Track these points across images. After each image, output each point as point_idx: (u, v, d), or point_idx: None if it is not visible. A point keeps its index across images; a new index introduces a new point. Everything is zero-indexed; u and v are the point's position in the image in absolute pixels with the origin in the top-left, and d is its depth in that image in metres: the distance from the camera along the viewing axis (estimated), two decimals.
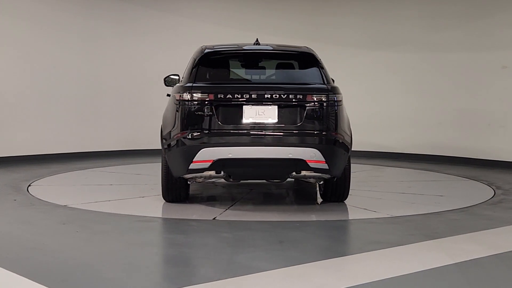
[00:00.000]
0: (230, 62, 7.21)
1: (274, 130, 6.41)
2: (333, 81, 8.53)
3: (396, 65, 11.97)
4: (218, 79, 6.86)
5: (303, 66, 7.07)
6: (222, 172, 6.53)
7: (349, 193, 7.26)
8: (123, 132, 12.08)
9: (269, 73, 7.34)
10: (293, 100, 6.44)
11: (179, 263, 4.86)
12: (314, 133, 6.44)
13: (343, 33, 12.51)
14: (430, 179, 9.43)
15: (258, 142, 6.41)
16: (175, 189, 7.02)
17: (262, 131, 6.41)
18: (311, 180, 6.97)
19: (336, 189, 7.07)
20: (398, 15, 11.97)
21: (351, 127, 7.03)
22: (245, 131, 6.41)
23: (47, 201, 7.21)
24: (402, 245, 5.40)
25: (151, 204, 7.19)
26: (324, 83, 6.72)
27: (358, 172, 9.69)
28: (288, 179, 6.95)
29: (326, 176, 6.69)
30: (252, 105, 6.41)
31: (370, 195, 7.91)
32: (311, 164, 6.40)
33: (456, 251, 5.21)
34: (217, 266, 4.79)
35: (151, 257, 4.98)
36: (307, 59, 7.03)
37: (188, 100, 6.43)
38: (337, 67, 11.51)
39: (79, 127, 11.58)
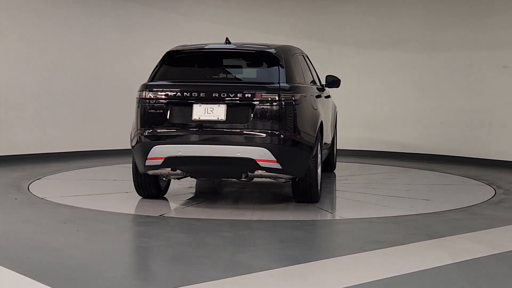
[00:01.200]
0: (191, 61, 7.20)
1: (222, 128, 6.43)
2: (319, 81, 8.57)
3: (398, 64, 11.97)
4: (175, 78, 6.87)
5: (263, 65, 6.98)
6: (177, 170, 6.59)
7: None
8: (125, 130, 12.04)
9: (228, 72, 7.31)
10: (242, 99, 6.42)
11: (179, 262, 4.86)
12: (263, 132, 6.38)
13: (345, 32, 12.50)
14: (430, 179, 9.43)
15: (207, 141, 6.47)
16: (145, 185, 7.11)
17: (210, 130, 6.44)
18: (281, 180, 6.81)
19: (302, 190, 6.92)
20: (400, 14, 11.96)
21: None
22: (194, 129, 6.47)
23: (48, 200, 7.22)
24: (403, 244, 5.40)
25: (152, 204, 7.20)
26: (281, 82, 6.57)
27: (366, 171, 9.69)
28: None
29: (286, 176, 6.62)
30: (201, 103, 6.45)
31: (371, 195, 7.91)
32: (262, 164, 6.36)
33: (457, 251, 5.21)
34: (218, 265, 4.79)
35: (152, 256, 4.99)
36: (268, 59, 6.93)
37: (143, 98, 6.61)
38: (339, 66, 11.52)
39: (80, 126, 11.58)
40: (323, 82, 8.68)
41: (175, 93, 6.55)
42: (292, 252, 5.14)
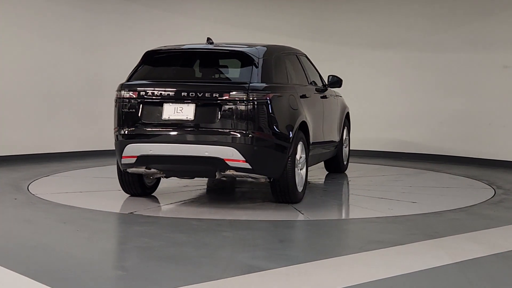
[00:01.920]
0: (168, 61, 7.26)
1: (191, 128, 6.50)
2: (321, 81, 8.55)
3: (397, 64, 11.96)
4: (151, 78, 6.94)
5: (236, 65, 6.97)
6: (152, 169, 6.69)
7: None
8: None
9: (201, 72, 7.31)
10: (210, 98, 6.45)
11: (179, 262, 4.86)
12: (231, 131, 6.40)
13: (343, 33, 12.49)
14: (430, 178, 9.43)
15: (176, 140, 6.53)
16: (129, 184, 7.22)
17: (180, 129, 6.51)
18: (261, 180, 6.79)
19: (280, 191, 6.89)
20: (398, 14, 11.95)
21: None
22: (165, 128, 6.55)
23: (47, 200, 7.21)
24: (402, 244, 5.40)
25: (153, 203, 7.20)
26: (252, 82, 6.56)
27: (364, 172, 9.69)
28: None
29: (259, 176, 6.62)
30: (172, 103, 6.54)
31: (371, 195, 7.91)
32: (231, 163, 6.39)
33: (457, 251, 5.21)
34: (218, 265, 4.79)
35: (152, 256, 4.99)
36: (242, 58, 6.92)
37: (119, 98, 6.78)
38: (338, 67, 11.51)
39: (80, 126, 11.58)
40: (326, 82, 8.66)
41: (147, 92, 6.64)
42: (292, 252, 5.14)
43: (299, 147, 7.01)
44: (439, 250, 5.23)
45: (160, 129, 6.59)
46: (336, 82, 8.62)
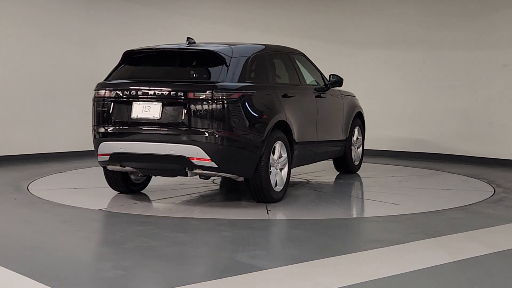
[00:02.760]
0: (143, 61, 7.35)
1: (158, 126, 6.60)
2: (323, 80, 8.53)
3: (397, 63, 11.95)
4: (126, 78, 7.06)
5: (208, 65, 6.95)
6: (126, 166, 6.87)
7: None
8: None
9: (172, 71, 7.25)
10: (175, 97, 6.54)
11: (179, 262, 4.86)
12: (196, 130, 6.46)
13: (345, 32, 12.49)
14: (430, 177, 9.43)
15: (144, 138, 6.67)
16: (114, 181, 7.41)
17: (147, 127, 6.64)
18: (239, 179, 6.87)
19: (254, 190, 6.91)
20: (399, 13, 11.95)
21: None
22: (134, 127, 6.71)
23: (47, 200, 7.21)
24: (403, 243, 5.40)
25: (154, 203, 7.20)
26: (219, 81, 6.59)
27: (372, 172, 9.69)
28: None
29: (225, 175, 6.71)
30: (140, 102, 6.68)
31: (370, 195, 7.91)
32: (196, 162, 6.48)
33: (457, 249, 5.21)
34: (218, 264, 4.79)
35: (152, 255, 4.99)
36: (212, 58, 6.91)
37: (95, 97, 7.03)
38: (339, 66, 11.51)
39: (79, 126, 11.56)
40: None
41: (118, 92, 6.82)
42: (292, 251, 5.14)
43: (278, 146, 7.03)
44: (439, 248, 5.23)
45: (130, 128, 6.74)
46: (336, 81, 8.61)
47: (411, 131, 11.86)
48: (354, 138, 9.43)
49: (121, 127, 6.79)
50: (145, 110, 6.65)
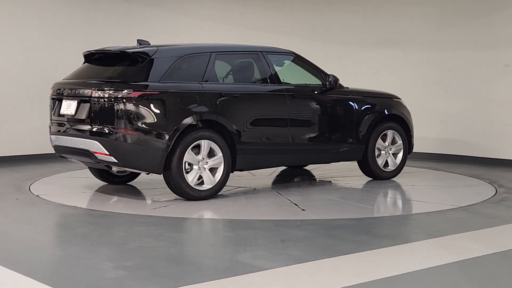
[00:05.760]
0: (89, 61, 7.81)
1: (74, 122, 7.26)
2: (322, 79, 8.45)
3: (398, 63, 11.95)
4: (70, 77, 7.70)
5: (130, 65, 7.28)
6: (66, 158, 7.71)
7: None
8: None
9: (102, 72, 7.56)
10: (84, 95, 7.11)
11: (181, 262, 4.86)
12: (97, 126, 6.98)
13: (345, 32, 12.49)
14: (432, 177, 9.42)
15: (68, 133, 7.35)
16: (94, 171, 8.23)
17: (69, 123, 7.32)
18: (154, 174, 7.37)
19: (172, 186, 7.14)
20: (400, 13, 11.94)
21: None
22: (62, 122, 7.42)
23: (49, 200, 7.22)
24: (404, 243, 5.40)
25: (154, 203, 7.20)
26: (127, 81, 6.96)
27: None
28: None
29: (139, 171, 7.40)
30: (66, 99, 7.35)
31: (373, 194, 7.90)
32: (98, 156, 7.00)
33: (458, 249, 5.21)
34: (218, 265, 4.79)
35: (153, 256, 4.99)
36: (131, 59, 7.27)
37: (50, 95, 7.71)
38: (339, 66, 11.51)
39: None
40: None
41: (57, 90, 7.56)
42: (293, 252, 5.14)
43: (204, 145, 7.11)
44: (441, 249, 5.23)
45: (60, 123, 7.44)
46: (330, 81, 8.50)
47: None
48: (386, 143, 8.85)
49: (56, 122, 7.52)
50: (68, 107, 7.31)
